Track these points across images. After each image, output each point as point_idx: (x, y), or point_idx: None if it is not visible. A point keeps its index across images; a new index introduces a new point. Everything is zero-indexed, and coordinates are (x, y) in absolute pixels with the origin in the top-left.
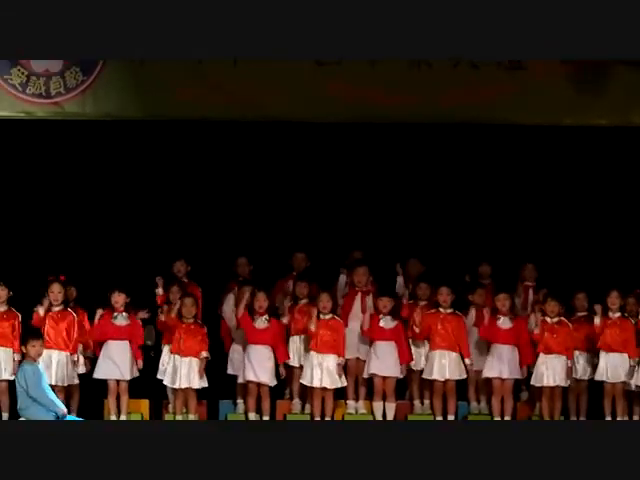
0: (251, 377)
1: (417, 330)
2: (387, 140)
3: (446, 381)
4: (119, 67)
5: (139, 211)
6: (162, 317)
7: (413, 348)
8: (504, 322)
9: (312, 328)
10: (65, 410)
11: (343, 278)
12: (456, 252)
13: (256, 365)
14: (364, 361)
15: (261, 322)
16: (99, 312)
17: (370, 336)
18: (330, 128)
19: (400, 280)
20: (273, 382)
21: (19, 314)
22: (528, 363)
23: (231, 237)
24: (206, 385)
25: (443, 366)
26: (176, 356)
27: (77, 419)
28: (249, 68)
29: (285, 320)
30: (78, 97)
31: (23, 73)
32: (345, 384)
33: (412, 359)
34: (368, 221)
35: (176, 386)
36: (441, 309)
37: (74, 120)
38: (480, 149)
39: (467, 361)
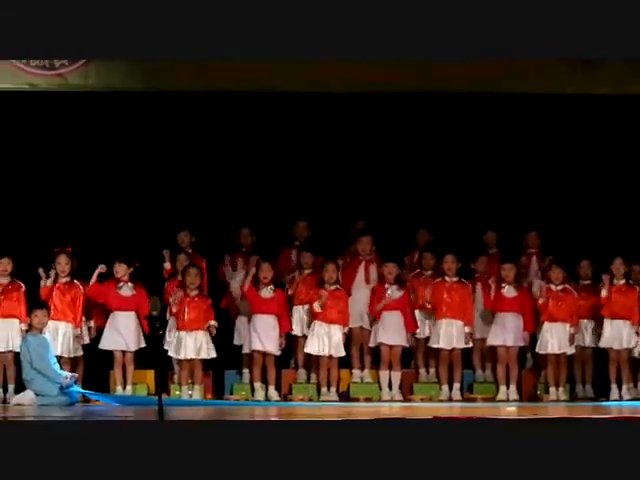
0: (257, 346)
1: (429, 306)
2: (391, 110)
3: (452, 349)
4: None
5: (143, 182)
6: (167, 286)
7: (419, 317)
8: (509, 291)
9: (317, 309)
10: (69, 381)
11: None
12: (462, 221)
13: (262, 334)
14: (369, 330)
15: (266, 292)
16: (99, 268)
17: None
18: (333, 98)
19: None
20: (279, 351)
21: (23, 285)
22: (531, 331)
23: (234, 208)
24: (215, 355)
25: (450, 335)
26: (181, 331)
27: (81, 390)
28: None
29: (290, 292)
30: (81, 69)
31: None
32: (344, 353)
33: (417, 328)
34: (371, 191)
35: (181, 357)
36: (447, 277)
37: (77, 92)
38: (484, 118)
39: (467, 329)
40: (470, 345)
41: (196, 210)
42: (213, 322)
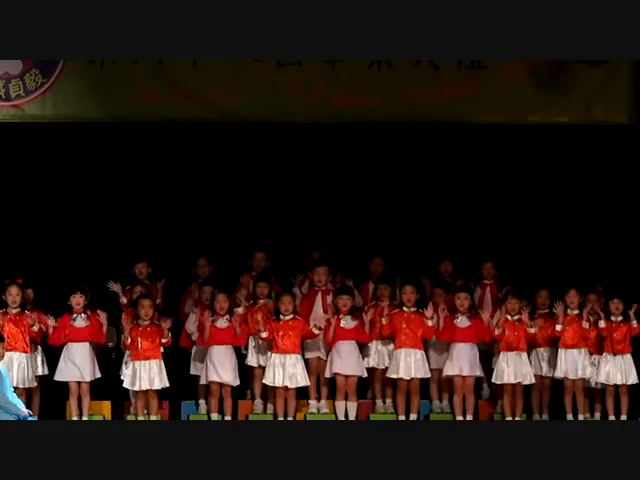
0: (214, 377)
1: (385, 321)
2: (348, 140)
3: (411, 379)
4: (79, 69)
5: (99, 213)
6: (123, 319)
7: (376, 348)
8: (462, 321)
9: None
10: (27, 412)
11: (297, 290)
12: (418, 251)
13: (218, 365)
14: (325, 360)
15: (222, 322)
16: (51, 323)
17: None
18: (290, 129)
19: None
20: (236, 382)
21: None
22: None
23: (191, 238)
24: (167, 385)
25: (408, 365)
26: (135, 361)
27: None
28: (209, 69)
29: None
30: (38, 99)
31: None
32: (308, 383)
33: (370, 339)
34: (327, 221)
35: (136, 388)
36: (405, 308)
37: (34, 123)
38: (441, 148)
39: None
40: (429, 375)
41: (153, 240)
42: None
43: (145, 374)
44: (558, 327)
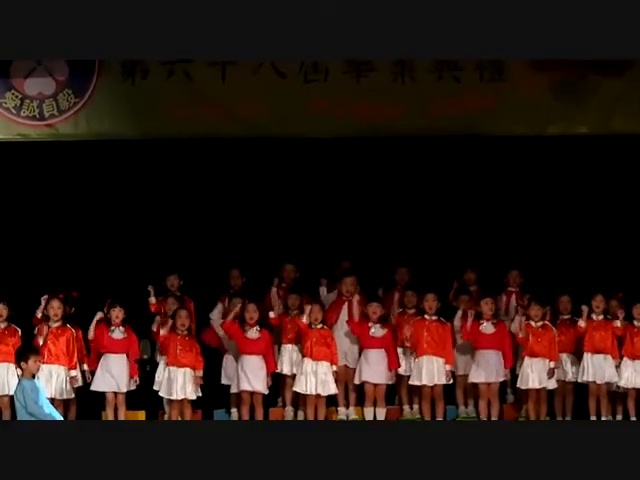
0: (245, 387)
1: (408, 344)
2: (372, 153)
3: (434, 386)
4: (110, 88)
5: (132, 227)
6: (154, 327)
7: (401, 354)
8: (487, 327)
9: (305, 320)
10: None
11: (324, 290)
12: (443, 260)
13: (250, 374)
14: (353, 368)
15: (253, 333)
16: (98, 314)
17: (361, 343)
18: (317, 143)
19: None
20: (267, 390)
21: (19, 329)
22: (510, 367)
23: (223, 251)
24: (200, 394)
25: (430, 372)
26: (171, 367)
27: None
28: (237, 86)
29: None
30: (71, 119)
31: (17, 96)
32: (337, 391)
33: (400, 365)
34: (355, 232)
35: (172, 397)
36: (427, 316)
37: (68, 141)
38: (464, 160)
39: (448, 367)
40: (450, 382)
41: (185, 253)
42: (200, 373)
43: (180, 380)
44: (581, 323)
